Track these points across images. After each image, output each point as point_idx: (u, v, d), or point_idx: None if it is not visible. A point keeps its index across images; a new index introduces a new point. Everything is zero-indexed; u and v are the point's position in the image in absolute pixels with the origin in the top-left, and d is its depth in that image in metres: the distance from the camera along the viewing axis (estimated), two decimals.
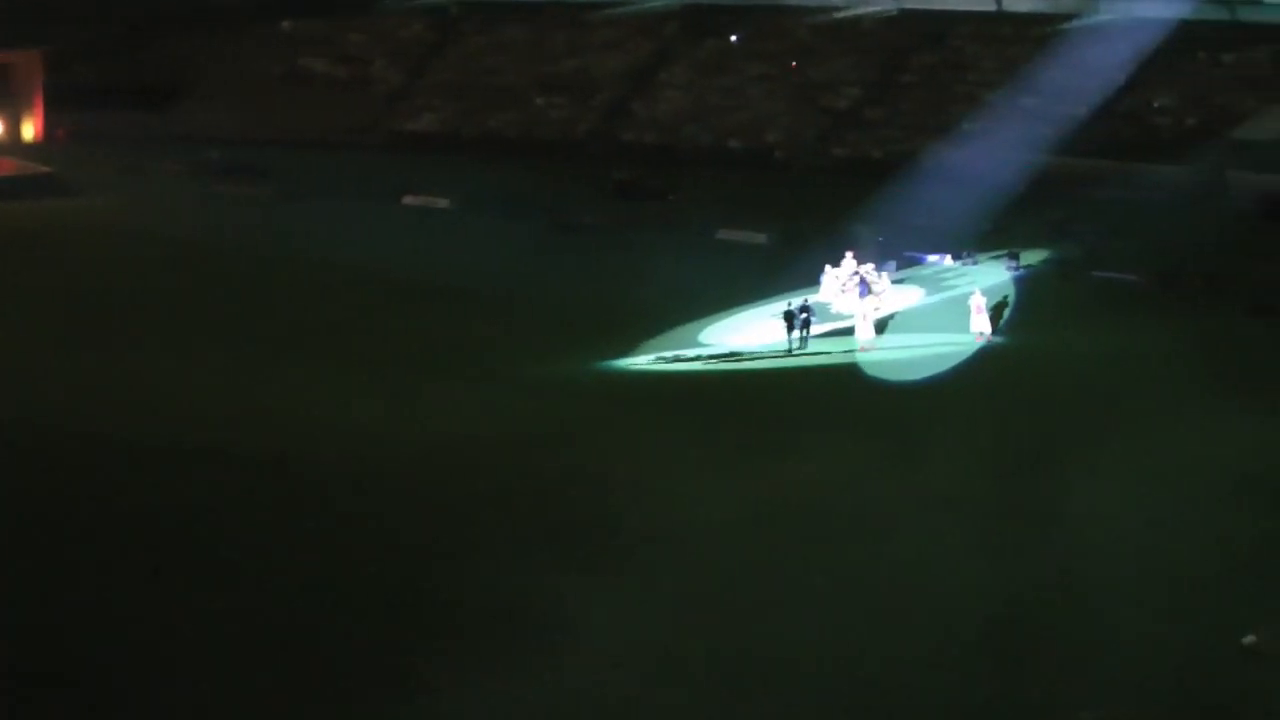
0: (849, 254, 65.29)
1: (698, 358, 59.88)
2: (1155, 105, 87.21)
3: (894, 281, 66.12)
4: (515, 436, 51.70)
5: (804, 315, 60.89)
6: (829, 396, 56.36)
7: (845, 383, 57.64)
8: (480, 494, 47.22)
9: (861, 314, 61.24)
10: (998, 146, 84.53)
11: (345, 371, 58.14)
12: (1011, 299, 64.88)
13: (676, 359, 59.82)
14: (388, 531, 44.83)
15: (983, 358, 59.43)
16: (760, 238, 75.55)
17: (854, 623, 40.21)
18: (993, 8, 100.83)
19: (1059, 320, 63.37)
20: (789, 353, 60.46)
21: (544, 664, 37.12)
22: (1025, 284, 66.97)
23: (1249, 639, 39.10)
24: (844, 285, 64.19)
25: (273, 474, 48.61)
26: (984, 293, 62.08)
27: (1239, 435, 50.97)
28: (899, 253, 69.00)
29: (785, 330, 60.90)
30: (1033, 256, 70.82)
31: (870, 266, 64.84)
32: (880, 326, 61.77)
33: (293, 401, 54.99)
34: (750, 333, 62.54)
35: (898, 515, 45.69)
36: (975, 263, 70.65)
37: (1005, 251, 70.55)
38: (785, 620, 40.25)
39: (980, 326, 61.03)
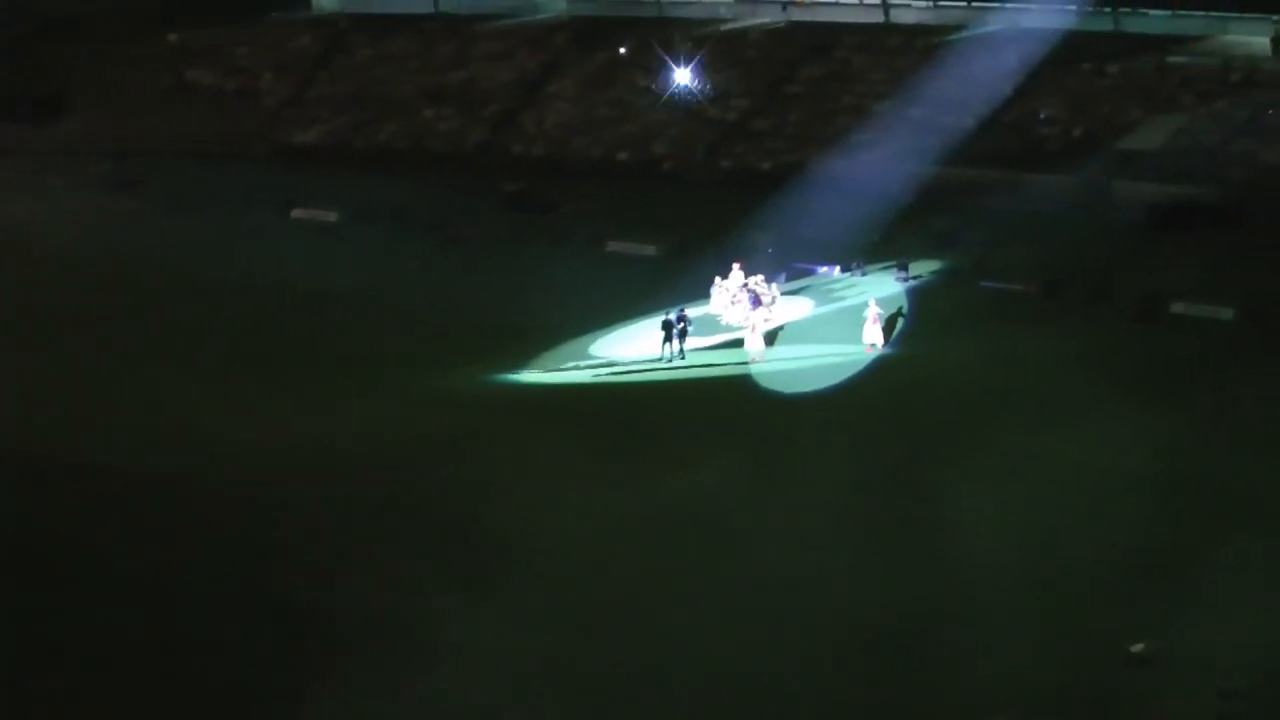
0: (737, 265, 65.62)
1: (587, 369, 60.18)
2: (1042, 116, 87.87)
3: (784, 293, 66.48)
4: (399, 447, 52.37)
5: (681, 325, 61.41)
6: (716, 408, 56.96)
7: (734, 394, 58.26)
8: (360, 505, 47.66)
9: (751, 325, 61.62)
10: (885, 157, 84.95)
11: (231, 383, 58.24)
12: (906, 310, 65.44)
13: (566, 370, 60.12)
14: (265, 541, 45.06)
15: (871, 368, 60.01)
16: (650, 249, 75.73)
17: (730, 632, 40.60)
18: (880, 19, 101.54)
19: (947, 330, 64.13)
20: (668, 363, 61.00)
21: (413, 675, 37.35)
22: (914, 294, 67.43)
23: (1137, 647, 39.62)
24: (734, 297, 64.49)
25: (150, 484, 48.78)
26: (879, 303, 62.64)
27: (1124, 441, 52.13)
28: (788, 264, 69.23)
29: (661, 340, 61.30)
30: (921, 267, 71.30)
31: (760, 278, 65.18)
32: (770, 338, 62.22)
33: (172, 413, 55.09)
34: (641, 344, 62.85)
35: (779, 525, 46.41)
36: (864, 273, 71.07)
37: (894, 262, 71.03)
38: (660, 629, 40.66)
39: (873, 337, 61.52)
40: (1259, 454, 51.36)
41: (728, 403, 57.29)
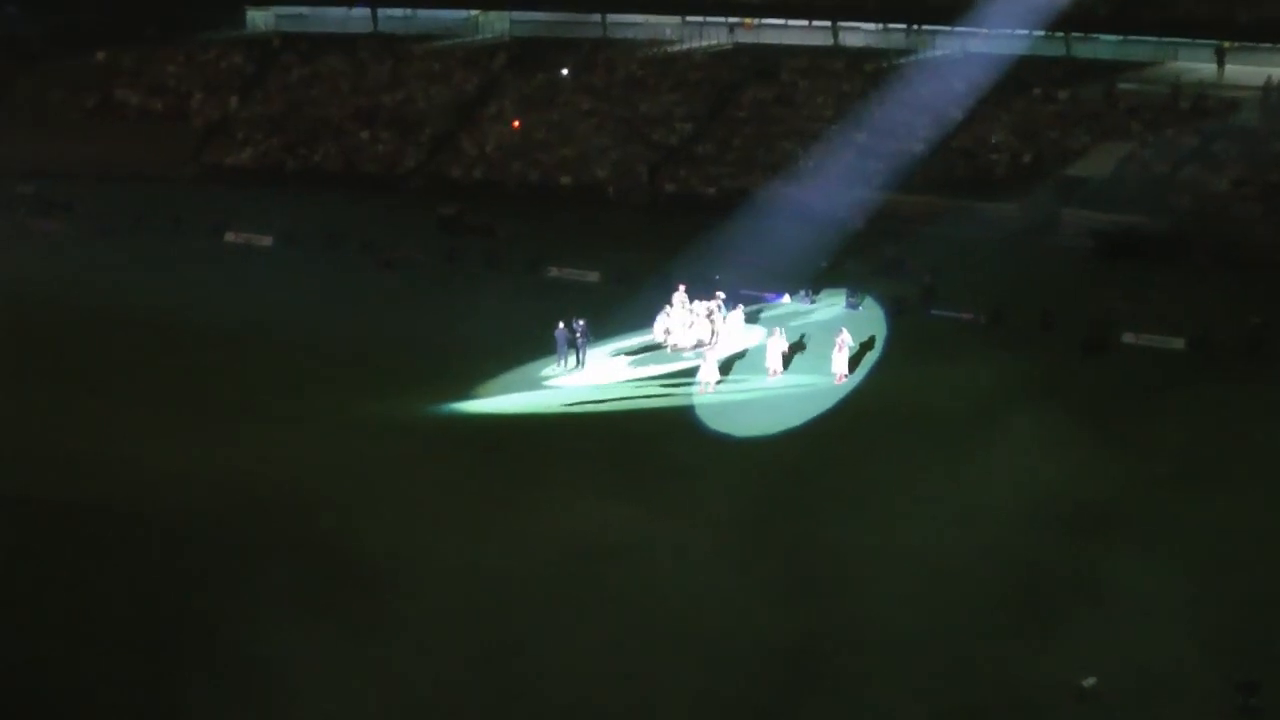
0: (681, 288, 66.35)
1: (526, 399, 60.84)
2: (992, 141, 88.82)
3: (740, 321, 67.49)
4: (323, 479, 52.81)
5: (579, 334, 62.46)
6: (654, 440, 57.37)
7: (676, 425, 58.69)
8: (259, 539, 48.42)
9: (704, 351, 62.45)
10: (831, 183, 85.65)
11: (155, 415, 58.67)
12: (881, 338, 66.20)
13: (504, 400, 60.67)
14: (156, 574, 45.95)
15: (812, 397, 60.63)
16: (592, 275, 76.30)
17: (627, 666, 41.80)
18: (828, 42, 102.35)
19: (893, 358, 64.70)
20: (568, 373, 62.80)
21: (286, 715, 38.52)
22: (860, 322, 68.04)
23: (1089, 681, 40.67)
24: (692, 321, 65.26)
25: (52, 514, 49.40)
26: (850, 332, 63.52)
27: (1063, 472, 52.96)
28: (735, 291, 69.88)
29: (557, 347, 62.81)
30: (868, 295, 71.99)
31: (716, 303, 66.04)
32: (725, 367, 63.04)
33: (94, 443, 55.62)
34: (587, 373, 63.48)
35: (692, 557, 47.28)
36: (813, 301, 71.70)
37: (844, 290, 71.59)
38: (545, 662, 41.85)
39: (840, 367, 62.19)
40: (1199, 487, 52.23)
41: (666, 433, 57.84)
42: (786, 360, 63.39)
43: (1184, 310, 68.33)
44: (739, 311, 67.79)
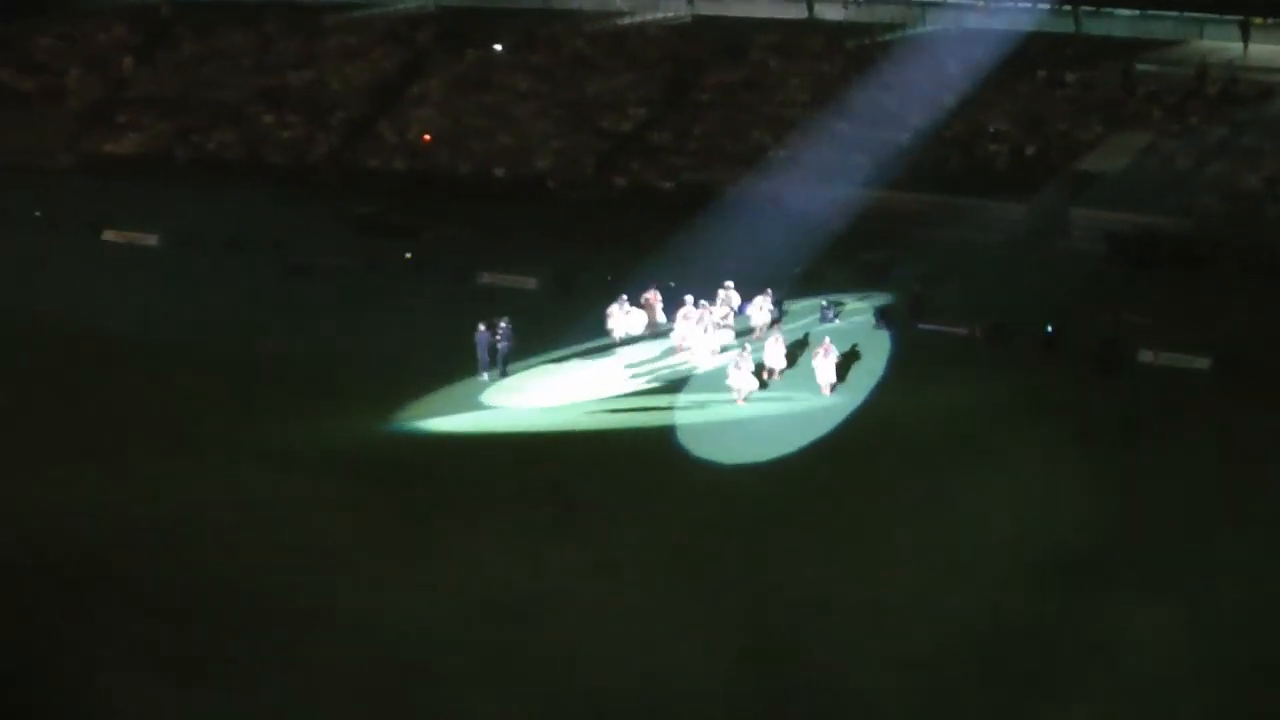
0: (728, 285, 68.93)
1: (456, 421, 61.14)
2: (991, 131, 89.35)
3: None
4: (208, 516, 53.01)
5: (500, 337, 62.99)
6: (602, 468, 57.51)
7: (629, 453, 58.92)
8: (135, 585, 48.57)
9: (735, 361, 63.11)
10: (808, 178, 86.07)
11: (27, 439, 58.72)
12: (863, 356, 66.67)
13: (431, 424, 60.93)
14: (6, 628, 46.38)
15: (779, 421, 60.87)
16: (529, 282, 76.52)
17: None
18: (802, 15, 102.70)
19: (876, 379, 64.81)
20: (490, 383, 63.76)
21: None
22: (838, 338, 68.39)
23: None
24: (705, 324, 66.79)
25: None
26: (833, 341, 64.33)
27: (1071, 510, 53.03)
28: (694, 300, 70.07)
29: (479, 352, 63.98)
30: (850, 305, 72.50)
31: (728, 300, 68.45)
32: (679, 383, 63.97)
33: None
34: (536, 391, 64.09)
35: (636, 614, 47.54)
36: (784, 310, 71.87)
37: (823, 299, 71.76)
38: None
39: (826, 376, 62.79)
40: (1221, 530, 52.10)
41: (614, 465, 57.94)
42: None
43: (1209, 325, 68.73)
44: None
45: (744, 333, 68.44)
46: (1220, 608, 47.54)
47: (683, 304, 67.74)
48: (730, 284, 69.55)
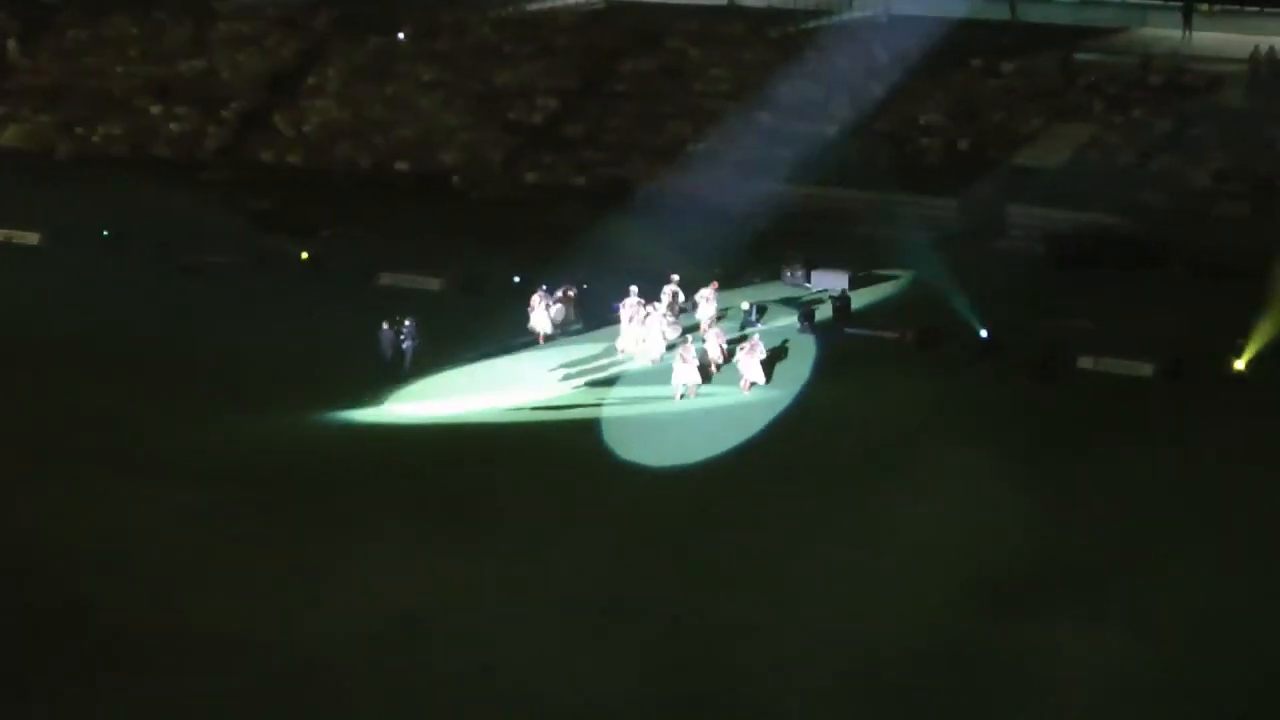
0: (674, 279, 69.73)
1: (359, 430, 60.85)
2: (923, 123, 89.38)
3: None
4: (86, 535, 52.58)
5: (405, 337, 63.78)
6: (514, 480, 57.32)
7: (542, 462, 58.61)
8: (32, 606, 48.13)
9: (680, 351, 63.40)
10: (730, 173, 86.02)
11: None
12: (785, 363, 66.50)
13: (332, 433, 60.61)
14: None
15: (695, 432, 60.68)
16: (433, 283, 76.12)
17: None
18: (723, 1, 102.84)
19: (797, 387, 64.69)
20: (398, 383, 63.87)
21: None
22: (767, 339, 68.13)
23: None
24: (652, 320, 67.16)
25: None
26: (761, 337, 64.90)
27: (1008, 526, 53.01)
28: (609, 304, 69.84)
29: (383, 352, 64.95)
30: (772, 307, 72.40)
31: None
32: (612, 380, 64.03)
33: None
34: (443, 395, 63.76)
35: (544, 638, 47.25)
36: (755, 319, 71.61)
37: (744, 302, 71.57)
38: None
39: (751, 373, 62.91)
40: (1166, 547, 52.00)
41: (527, 475, 57.71)
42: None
43: (1153, 330, 68.73)
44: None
45: (690, 328, 68.40)
46: (1159, 625, 47.59)
47: (627, 299, 68.04)
48: (676, 278, 69.80)
